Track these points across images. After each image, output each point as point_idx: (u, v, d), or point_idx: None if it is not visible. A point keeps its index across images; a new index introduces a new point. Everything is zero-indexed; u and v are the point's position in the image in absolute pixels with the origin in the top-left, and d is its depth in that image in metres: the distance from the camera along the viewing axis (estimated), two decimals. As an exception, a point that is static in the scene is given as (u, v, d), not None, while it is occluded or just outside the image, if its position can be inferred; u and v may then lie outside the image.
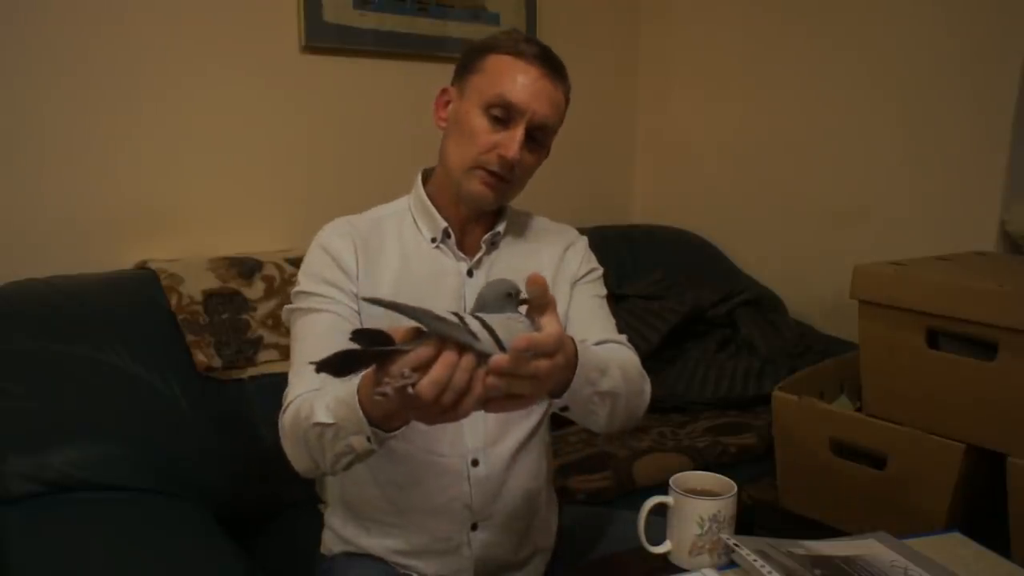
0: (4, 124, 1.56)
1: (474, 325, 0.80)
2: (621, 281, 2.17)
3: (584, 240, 1.25)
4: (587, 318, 1.18)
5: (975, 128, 1.91)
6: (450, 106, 1.13)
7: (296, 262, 1.56)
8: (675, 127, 2.58)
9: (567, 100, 1.13)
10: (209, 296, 1.57)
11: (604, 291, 1.24)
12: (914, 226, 2.03)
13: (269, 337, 1.58)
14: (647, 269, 2.27)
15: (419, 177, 1.18)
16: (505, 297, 0.86)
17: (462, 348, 0.78)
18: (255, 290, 1.62)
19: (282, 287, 1.63)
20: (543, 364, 0.82)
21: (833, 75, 2.17)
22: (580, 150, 2.42)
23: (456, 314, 0.80)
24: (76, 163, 1.64)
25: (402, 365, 0.77)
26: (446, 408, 0.79)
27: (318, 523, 1.23)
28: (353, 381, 0.89)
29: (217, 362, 1.51)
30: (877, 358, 1.52)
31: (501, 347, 0.80)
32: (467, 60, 1.12)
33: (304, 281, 1.11)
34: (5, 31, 1.54)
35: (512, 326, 0.83)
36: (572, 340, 0.93)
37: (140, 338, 1.46)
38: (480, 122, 1.07)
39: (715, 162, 2.49)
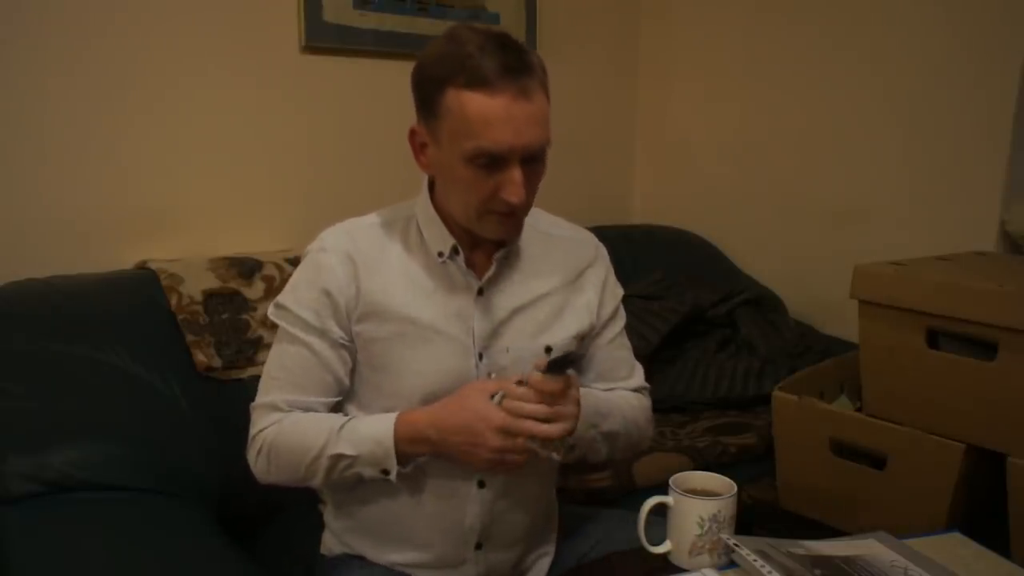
0: (4, 124, 1.56)
1: None
2: (621, 281, 2.17)
3: (604, 258, 1.21)
4: (613, 367, 1.22)
5: (975, 128, 1.91)
6: (427, 151, 1.03)
7: (296, 262, 1.55)
8: (675, 127, 2.58)
9: (548, 94, 1.00)
10: (209, 296, 1.57)
11: (624, 320, 1.24)
12: (914, 226, 2.03)
13: (269, 337, 1.58)
14: (647, 269, 2.27)
15: (425, 186, 1.10)
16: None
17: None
18: (255, 290, 1.62)
19: (282, 287, 1.62)
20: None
21: (833, 75, 2.17)
22: (580, 150, 2.43)
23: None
24: (76, 163, 1.64)
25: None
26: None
27: (318, 523, 1.23)
28: (379, 421, 1.03)
29: (217, 362, 1.51)
30: (877, 358, 1.52)
31: None
32: (424, 95, 0.99)
33: (294, 300, 1.09)
34: (5, 31, 1.54)
35: None
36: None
37: (140, 338, 1.46)
38: (470, 174, 0.97)
39: (715, 162, 2.49)
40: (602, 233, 1.33)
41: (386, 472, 1.03)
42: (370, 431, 1.03)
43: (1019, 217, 1.87)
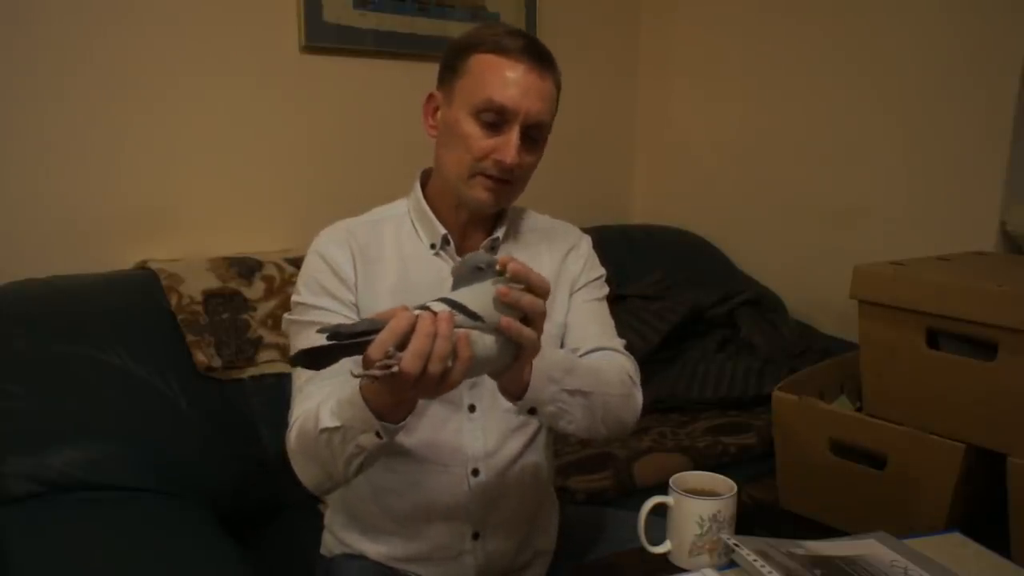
0: (4, 124, 1.56)
1: (438, 307, 0.81)
2: (621, 281, 2.17)
3: (587, 241, 1.23)
4: (583, 323, 1.17)
5: (975, 128, 1.91)
6: (439, 113, 1.09)
7: (296, 262, 1.56)
8: (675, 127, 2.58)
9: (558, 89, 1.09)
10: (209, 296, 1.57)
11: (604, 292, 1.23)
12: (914, 226, 2.03)
13: (269, 337, 1.58)
14: (647, 269, 2.27)
15: (418, 181, 1.15)
16: (476, 271, 0.87)
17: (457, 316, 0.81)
18: (255, 290, 1.62)
19: (282, 287, 1.63)
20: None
21: (833, 75, 2.17)
22: (580, 150, 2.43)
23: (425, 306, 0.82)
24: (76, 163, 1.64)
25: (381, 345, 0.77)
26: (437, 380, 0.81)
27: (318, 523, 1.23)
28: (354, 382, 0.90)
29: (217, 362, 1.51)
30: (877, 358, 1.52)
31: (473, 316, 0.83)
32: (450, 60, 1.08)
33: (304, 292, 1.08)
34: (5, 31, 1.54)
35: (484, 291, 0.85)
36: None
37: (140, 338, 1.46)
38: (472, 128, 1.04)
39: (715, 162, 2.49)
40: (602, 233, 1.33)
41: (379, 435, 0.91)
42: (344, 395, 0.94)
43: (1019, 217, 1.87)
